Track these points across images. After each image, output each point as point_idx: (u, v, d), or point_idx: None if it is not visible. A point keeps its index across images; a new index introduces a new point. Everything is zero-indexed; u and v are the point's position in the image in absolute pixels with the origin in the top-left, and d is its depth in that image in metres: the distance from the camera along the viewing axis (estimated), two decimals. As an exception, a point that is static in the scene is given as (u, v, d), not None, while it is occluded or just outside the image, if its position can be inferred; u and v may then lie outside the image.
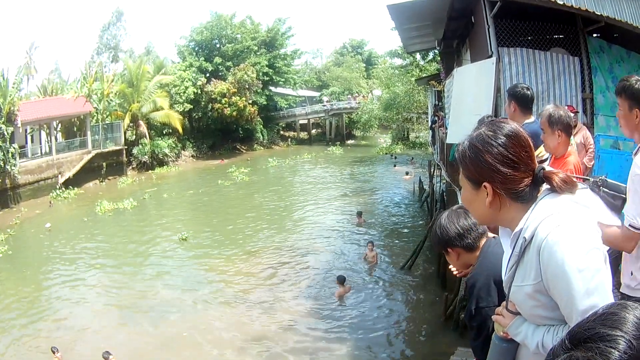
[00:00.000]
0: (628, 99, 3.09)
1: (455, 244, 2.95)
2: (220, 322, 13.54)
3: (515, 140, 1.88)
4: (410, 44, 21.80)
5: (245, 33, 55.43)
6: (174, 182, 38.66)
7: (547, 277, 1.76)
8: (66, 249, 21.22)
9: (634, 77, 3.11)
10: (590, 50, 10.35)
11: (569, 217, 1.77)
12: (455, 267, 3.12)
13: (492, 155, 1.87)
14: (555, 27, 11.01)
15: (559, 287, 1.74)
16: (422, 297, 14.53)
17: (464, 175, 2.01)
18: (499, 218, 1.99)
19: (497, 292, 2.66)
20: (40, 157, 34.96)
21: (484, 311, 2.68)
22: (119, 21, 61.66)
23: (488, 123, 1.98)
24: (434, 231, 3.07)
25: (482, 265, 2.83)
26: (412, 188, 29.29)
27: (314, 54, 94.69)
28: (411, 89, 42.98)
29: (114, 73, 46.51)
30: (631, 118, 3.08)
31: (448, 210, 3.10)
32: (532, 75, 9.88)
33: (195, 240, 21.70)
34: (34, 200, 31.52)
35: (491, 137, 1.89)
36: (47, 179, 33.73)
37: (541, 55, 9.98)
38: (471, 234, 2.93)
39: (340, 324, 13.04)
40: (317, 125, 68.03)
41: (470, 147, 1.94)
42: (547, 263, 1.74)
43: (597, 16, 9.45)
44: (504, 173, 1.86)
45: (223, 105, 49.60)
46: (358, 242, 19.85)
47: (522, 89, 4.95)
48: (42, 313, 14.63)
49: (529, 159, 1.89)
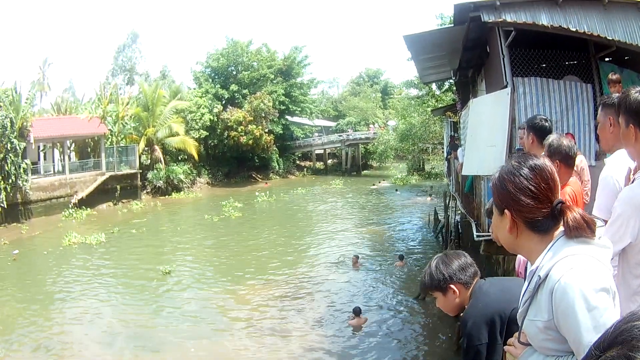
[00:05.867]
0: (624, 114, 2.77)
1: (458, 278, 3.02)
2: (226, 350, 13.33)
3: (538, 172, 2.02)
4: (426, 74, 21.83)
5: (262, 61, 56.07)
6: (192, 206, 38.68)
7: (558, 316, 1.86)
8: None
9: (635, 88, 2.79)
10: (602, 76, 10.40)
11: (582, 259, 1.87)
12: (447, 310, 3.18)
13: (514, 185, 2.02)
14: (568, 54, 11.13)
15: (569, 325, 1.83)
16: (436, 327, 14.34)
17: (494, 202, 2.18)
18: (519, 245, 2.12)
19: (488, 330, 2.78)
20: (53, 175, 35.65)
21: (475, 348, 2.79)
22: (134, 43, 62.63)
23: (517, 155, 2.15)
24: (430, 271, 3.11)
25: (474, 305, 2.92)
26: (427, 219, 29.14)
27: (330, 83, 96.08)
28: (427, 119, 43.14)
29: (129, 96, 47.30)
30: (628, 135, 2.75)
31: (441, 253, 3.20)
32: (545, 105, 9.89)
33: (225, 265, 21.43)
34: (45, 217, 32.01)
35: (516, 168, 2.05)
36: (60, 198, 34.33)
37: (554, 84, 9.99)
38: (469, 269, 3.05)
39: (353, 354, 12.85)
40: (333, 155, 68.39)
41: (499, 176, 2.11)
42: (559, 304, 1.85)
43: (608, 41, 9.49)
44: (524, 202, 2.01)
45: (239, 133, 50.09)
46: (367, 273, 19.68)
47: (540, 120, 4.96)
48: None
49: (550, 192, 2.02)
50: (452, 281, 3.01)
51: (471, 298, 2.99)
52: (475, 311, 2.86)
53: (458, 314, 3.13)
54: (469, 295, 3.01)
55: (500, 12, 9.96)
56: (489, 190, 2.24)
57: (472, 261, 3.11)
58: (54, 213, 32.99)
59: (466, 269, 3.03)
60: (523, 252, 2.18)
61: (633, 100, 2.66)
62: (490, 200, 2.24)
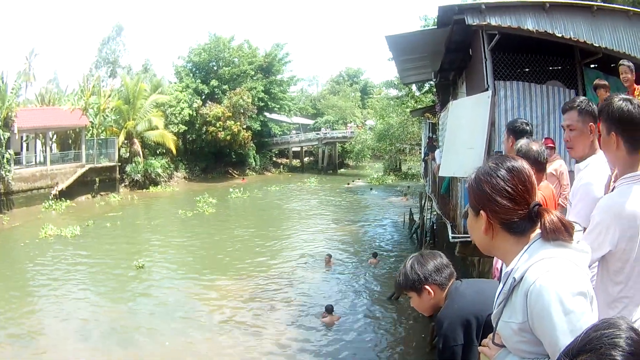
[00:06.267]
0: (606, 122, 2.75)
1: (433, 279, 2.98)
2: (201, 346, 13.26)
3: (515, 174, 2.00)
4: (407, 75, 21.91)
5: (243, 57, 55.97)
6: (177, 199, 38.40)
7: (533, 319, 1.84)
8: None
9: (617, 96, 2.78)
10: (586, 82, 10.43)
11: (558, 262, 1.85)
12: (422, 310, 3.15)
13: (491, 186, 2.00)
14: (553, 60, 11.16)
15: (544, 328, 1.81)
16: (410, 327, 14.38)
17: (469, 203, 2.15)
18: (494, 247, 2.09)
19: (464, 332, 2.75)
20: (35, 167, 35.36)
21: (451, 349, 2.76)
22: (118, 36, 62.15)
23: (495, 157, 2.13)
24: (405, 271, 3.07)
25: (450, 306, 2.89)
26: (402, 219, 29.23)
27: (310, 81, 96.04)
28: (405, 120, 43.28)
29: (112, 88, 46.99)
30: (609, 143, 2.73)
31: (417, 253, 3.16)
32: (527, 109, 9.94)
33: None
34: (26, 208, 31.65)
35: (493, 169, 2.03)
36: (41, 189, 33.96)
37: (537, 88, 10.06)
38: (445, 270, 3.01)
39: (326, 352, 12.84)
40: (310, 153, 68.47)
41: (475, 177, 2.08)
42: (534, 306, 1.82)
43: (595, 48, 9.54)
44: (500, 203, 1.98)
45: (217, 129, 50.03)
46: (343, 273, 19.69)
47: (521, 124, 5.00)
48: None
49: (527, 194, 2.00)
50: (427, 282, 2.97)
51: (447, 299, 2.95)
52: (450, 312, 2.84)
53: (433, 314, 3.08)
54: (444, 296, 2.98)
55: (485, 15, 9.92)
56: (466, 192, 2.20)
57: (449, 262, 3.08)
58: (34, 204, 32.70)
59: (442, 270, 2.99)
60: (498, 254, 2.16)
61: (616, 109, 2.65)
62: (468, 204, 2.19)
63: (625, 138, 2.65)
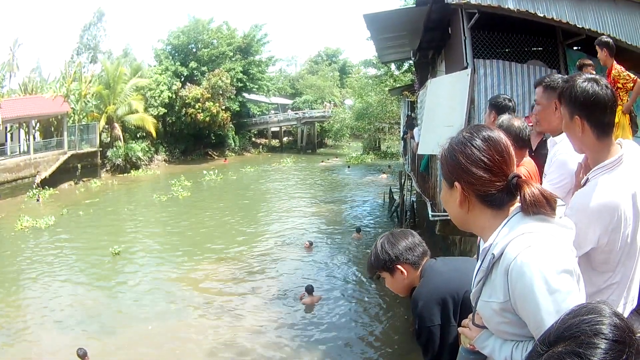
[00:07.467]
0: (568, 105, 2.50)
1: (405, 258, 2.91)
2: (183, 329, 13.26)
3: (492, 144, 1.89)
4: (385, 54, 21.86)
5: (222, 38, 55.67)
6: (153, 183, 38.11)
7: (515, 298, 1.74)
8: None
9: (582, 75, 2.52)
10: (569, 63, 10.39)
11: (541, 237, 1.75)
12: (397, 291, 3.08)
13: (465, 156, 1.89)
14: (534, 40, 11.09)
15: (528, 308, 1.71)
16: (391, 307, 14.42)
17: (442, 174, 2.04)
18: (470, 221, 1.99)
19: (440, 311, 2.69)
20: (19, 156, 34.89)
21: (428, 329, 2.70)
22: (99, 22, 61.00)
23: (470, 127, 2.03)
24: (376, 251, 3.01)
25: (425, 285, 2.83)
26: (382, 198, 29.31)
27: (288, 61, 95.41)
28: (384, 99, 43.22)
29: (92, 74, 46.60)
30: (573, 127, 2.50)
31: (388, 232, 3.11)
32: (507, 87, 9.88)
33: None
34: (11, 199, 31.25)
35: (467, 139, 1.92)
36: (25, 178, 33.61)
37: (517, 67, 10.01)
38: (417, 249, 2.94)
39: (309, 333, 12.85)
40: (289, 132, 68.45)
41: (448, 147, 1.98)
42: (515, 285, 1.72)
43: (578, 29, 9.50)
44: (475, 174, 1.87)
45: (196, 111, 49.89)
46: (325, 253, 19.75)
47: (503, 100, 4.94)
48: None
49: (504, 165, 1.89)
50: (398, 261, 2.90)
51: (421, 278, 2.88)
52: (425, 291, 2.76)
53: (410, 294, 2.97)
54: (418, 275, 2.90)
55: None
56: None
57: (421, 240, 3.00)
58: (19, 194, 32.31)
59: (414, 249, 2.92)
60: (475, 229, 2.01)
61: (580, 91, 2.43)
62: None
63: (592, 123, 2.44)
